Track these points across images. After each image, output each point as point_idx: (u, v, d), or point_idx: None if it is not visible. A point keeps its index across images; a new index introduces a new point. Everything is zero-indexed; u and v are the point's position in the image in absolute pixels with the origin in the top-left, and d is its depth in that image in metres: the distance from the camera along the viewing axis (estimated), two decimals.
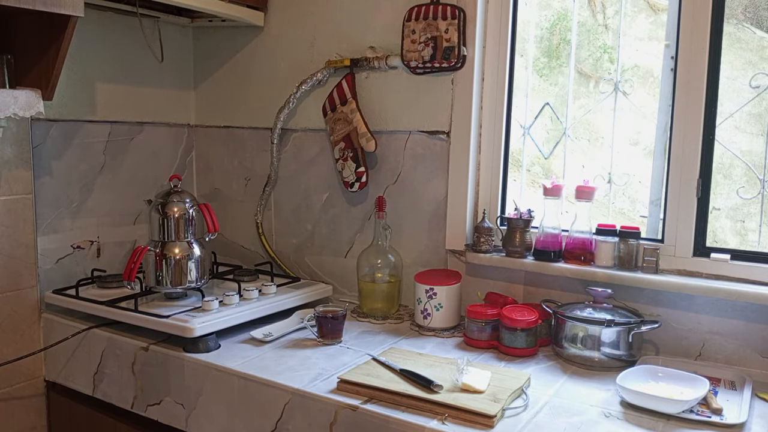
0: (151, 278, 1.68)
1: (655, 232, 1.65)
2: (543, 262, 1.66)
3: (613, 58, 1.71)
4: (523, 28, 1.78)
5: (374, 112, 1.90)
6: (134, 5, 1.89)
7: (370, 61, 1.87)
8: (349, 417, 1.25)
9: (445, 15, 1.72)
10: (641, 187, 1.70)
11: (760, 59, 1.54)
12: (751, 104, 1.52)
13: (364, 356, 1.48)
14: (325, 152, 2.02)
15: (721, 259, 1.51)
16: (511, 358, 1.52)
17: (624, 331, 1.46)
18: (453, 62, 1.72)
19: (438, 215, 1.84)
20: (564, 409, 1.24)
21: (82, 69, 1.90)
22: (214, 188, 2.27)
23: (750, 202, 1.55)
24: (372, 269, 1.81)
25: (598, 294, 1.54)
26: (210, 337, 1.53)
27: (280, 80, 2.08)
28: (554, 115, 1.78)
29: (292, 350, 1.54)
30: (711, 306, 1.51)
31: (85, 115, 1.92)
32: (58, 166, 1.85)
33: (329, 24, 1.97)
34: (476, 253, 1.74)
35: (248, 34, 2.13)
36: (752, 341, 1.47)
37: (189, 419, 1.50)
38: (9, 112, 1.54)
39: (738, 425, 1.18)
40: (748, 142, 1.54)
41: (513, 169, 1.83)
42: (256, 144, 2.15)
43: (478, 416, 1.16)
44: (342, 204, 2.01)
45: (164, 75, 2.16)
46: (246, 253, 2.22)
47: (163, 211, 1.68)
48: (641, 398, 1.23)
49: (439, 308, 1.68)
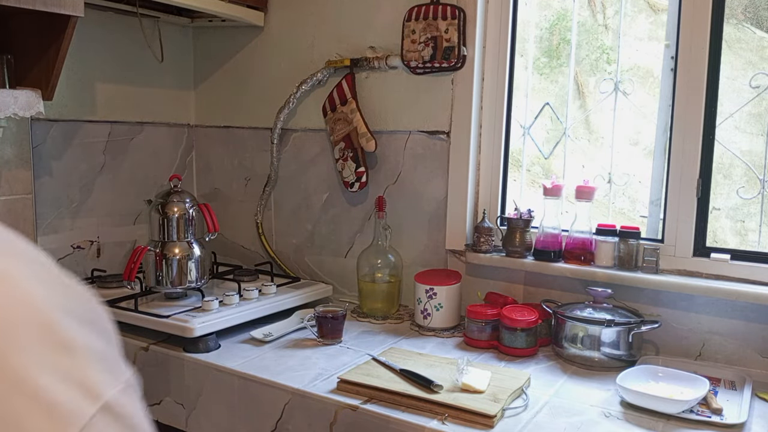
0: (151, 278, 1.68)
1: (655, 232, 1.65)
2: (543, 262, 1.66)
3: (612, 59, 1.71)
4: (523, 28, 1.78)
5: (374, 112, 1.90)
6: (134, 5, 1.89)
7: (370, 61, 1.87)
8: (349, 417, 1.25)
9: (445, 15, 1.72)
10: (641, 187, 1.70)
11: (760, 59, 1.54)
12: (751, 104, 1.52)
13: (364, 356, 1.48)
14: (325, 152, 2.02)
15: (721, 259, 1.51)
16: (511, 358, 1.52)
17: (624, 331, 1.46)
18: (453, 62, 1.72)
19: (438, 215, 1.84)
20: (564, 409, 1.24)
21: (82, 69, 1.90)
22: (214, 188, 2.27)
23: (750, 202, 1.55)
24: (372, 269, 1.81)
25: (598, 294, 1.54)
26: (210, 337, 1.53)
27: (280, 80, 2.07)
28: (554, 115, 1.78)
29: (292, 350, 1.54)
30: (711, 306, 1.51)
31: (85, 115, 1.92)
32: (58, 166, 1.85)
33: (329, 24, 1.97)
34: (476, 253, 1.74)
35: (248, 34, 2.13)
36: (752, 341, 1.47)
37: (189, 419, 1.50)
38: (9, 112, 1.54)
39: (738, 425, 1.18)
40: (748, 142, 1.54)
41: (513, 169, 1.83)
42: (256, 144, 2.15)
43: (478, 416, 1.16)
44: (342, 204, 2.01)
45: (164, 75, 2.16)
46: (246, 253, 2.22)
47: (163, 211, 1.68)
48: (641, 398, 1.23)
49: (439, 308, 1.68)
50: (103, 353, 0.40)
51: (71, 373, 0.36)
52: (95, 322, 0.41)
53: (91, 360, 0.38)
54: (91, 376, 0.37)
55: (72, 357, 0.37)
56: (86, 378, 0.37)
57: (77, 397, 0.36)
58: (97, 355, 0.39)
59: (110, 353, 0.40)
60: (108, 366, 0.39)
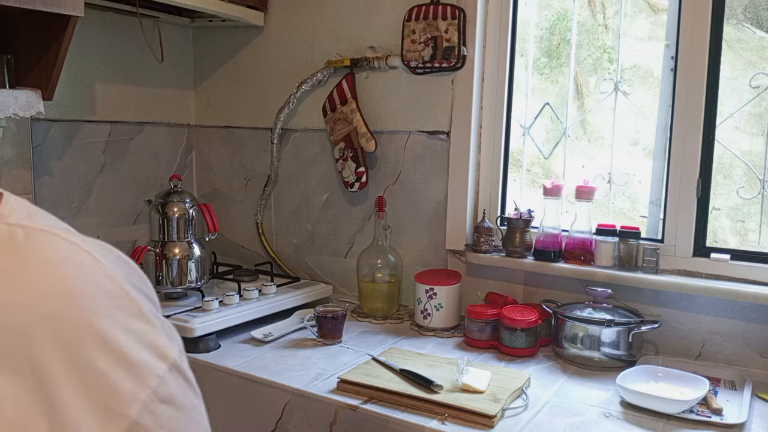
0: (151, 278, 1.68)
1: (655, 232, 1.65)
2: (543, 262, 1.66)
3: (612, 58, 1.71)
4: (523, 28, 1.78)
5: (374, 112, 1.90)
6: (134, 5, 1.89)
7: (370, 61, 1.87)
8: (349, 417, 1.25)
9: (445, 15, 1.72)
10: (641, 187, 1.70)
11: (760, 59, 1.54)
12: (751, 104, 1.52)
13: (364, 356, 1.48)
14: (325, 152, 2.02)
15: (721, 259, 1.51)
16: (511, 358, 1.52)
17: (624, 331, 1.46)
18: (453, 62, 1.72)
19: (438, 215, 1.84)
20: (564, 409, 1.24)
21: (82, 69, 1.90)
22: (214, 188, 2.27)
23: (750, 202, 1.55)
24: (372, 269, 1.81)
25: (598, 294, 1.54)
26: (210, 337, 1.53)
27: (280, 80, 2.08)
28: (554, 115, 1.78)
29: (292, 350, 1.54)
30: (711, 306, 1.51)
31: (85, 115, 1.92)
32: (58, 166, 1.85)
33: (329, 24, 1.97)
34: (476, 253, 1.74)
35: (248, 34, 2.13)
36: (752, 341, 1.47)
37: None
38: (9, 112, 1.54)
39: (738, 425, 1.18)
40: (748, 142, 1.54)
41: (513, 169, 1.83)
42: (256, 144, 2.15)
43: (478, 416, 1.16)
44: (342, 204, 2.01)
45: (164, 75, 2.16)
46: (246, 253, 2.22)
47: (163, 211, 1.68)
48: (641, 398, 1.23)
49: (439, 308, 1.68)
50: (161, 320, 0.46)
51: (145, 336, 0.43)
52: (147, 291, 0.47)
53: (157, 326, 0.44)
54: (159, 340, 0.43)
55: (145, 322, 0.43)
56: (156, 341, 0.43)
57: (151, 357, 0.42)
58: (159, 322, 0.45)
59: (164, 320, 0.46)
60: (167, 332, 0.45)
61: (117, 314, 0.42)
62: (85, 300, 0.41)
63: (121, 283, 0.44)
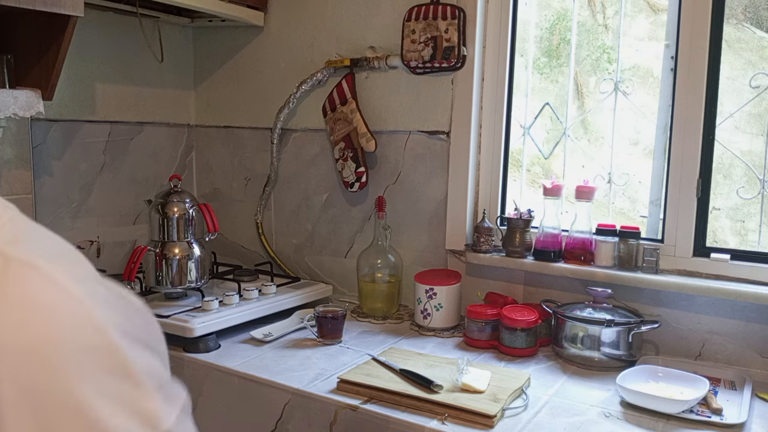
0: (151, 278, 1.68)
1: (655, 232, 1.65)
2: (543, 262, 1.66)
3: (612, 58, 1.71)
4: (523, 28, 1.78)
5: (374, 112, 1.90)
6: (134, 5, 1.89)
7: (370, 61, 1.87)
8: (349, 417, 1.25)
9: (445, 15, 1.72)
10: (641, 187, 1.70)
11: (760, 59, 1.54)
12: (751, 104, 1.52)
13: (364, 356, 1.48)
14: (325, 152, 2.02)
15: (721, 259, 1.51)
16: (511, 358, 1.52)
17: (624, 331, 1.46)
18: (453, 62, 1.72)
19: (438, 215, 1.84)
20: (564, 409, 1.24)
21: (82, 69, 1.90)
22: (214, 188, 2.27)
23: (750, 202, 1.55)
24: (372, 269, 1.81)
25: (598, 294, 1.54)
26: (210, 337, 1.53)
27: (280, 80, 2.08)
28: (554, 115, 1.78)
29: (292, 350, 1.54)
30: (711, 306, 1.51)
31: (85, 115, 1.92)
32: (58, 166, 1.85)
33: (329, 24, 1.97)
34: (476, 253, 1.74)
35: (248, 34, 2.13)
36: (752, 341, 1.47)
37: None
38: (9, 112, 1.54)
39: (738, 425, 1.18)
40: (748, 142, 1.54)
41: (513, 169, 1.83)
42: (256, 144, 2.15)
43: (478, 416, 1.16)
44: (342, 204, 2.01)
45: (164, 75, 2.16)
46: (246, 253, 2.22)
47: (163, 211, 1.68)
48: (641, 398, 1.23)
49: (439, 308, 1.68)
50: (161, 377, 0.40)
51: (132, 403, 0.37)
52: (152, 341, 0.41)
53: (150, 388, 0.38)
54: (150, 406, 0.38)
55: (132, 384, 0.37)
56: (146, 408, 0.37)
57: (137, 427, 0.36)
58: (156, 381, 0.39)
59: (166, 375, 0.41)
60: (165, 392, 0.39)
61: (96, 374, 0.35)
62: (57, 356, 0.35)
63: (111, 335, 0.37)
